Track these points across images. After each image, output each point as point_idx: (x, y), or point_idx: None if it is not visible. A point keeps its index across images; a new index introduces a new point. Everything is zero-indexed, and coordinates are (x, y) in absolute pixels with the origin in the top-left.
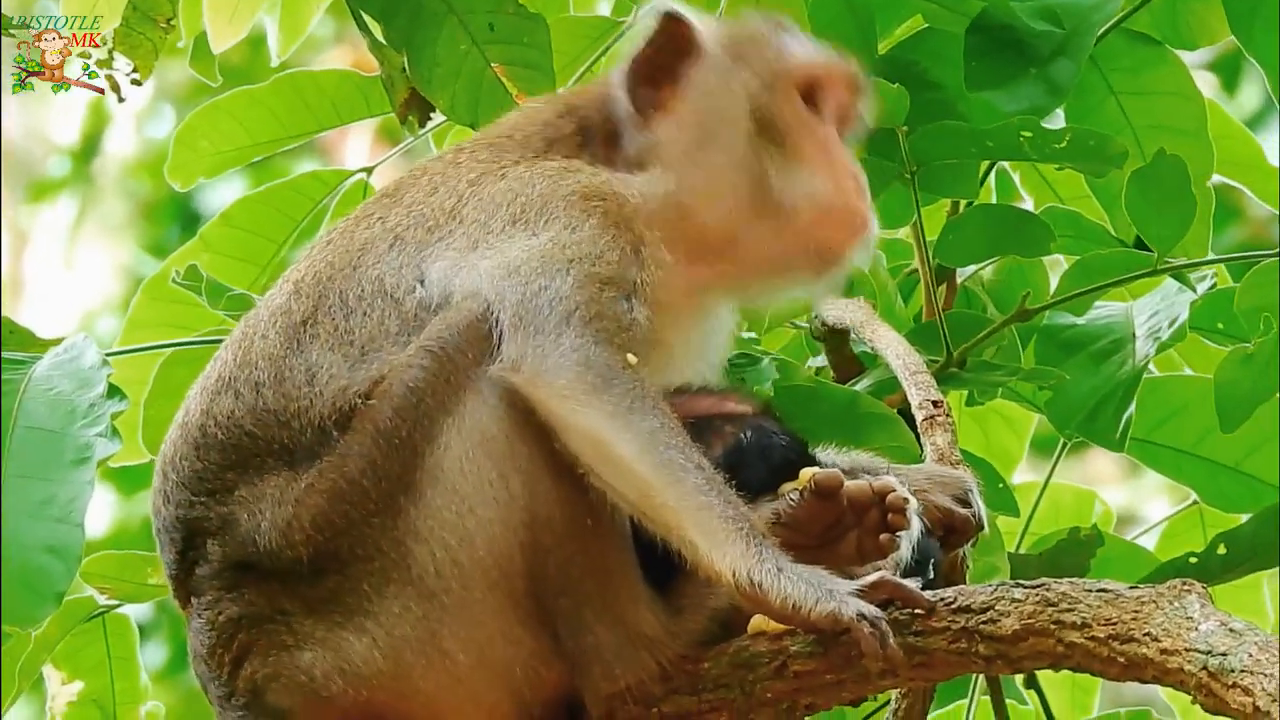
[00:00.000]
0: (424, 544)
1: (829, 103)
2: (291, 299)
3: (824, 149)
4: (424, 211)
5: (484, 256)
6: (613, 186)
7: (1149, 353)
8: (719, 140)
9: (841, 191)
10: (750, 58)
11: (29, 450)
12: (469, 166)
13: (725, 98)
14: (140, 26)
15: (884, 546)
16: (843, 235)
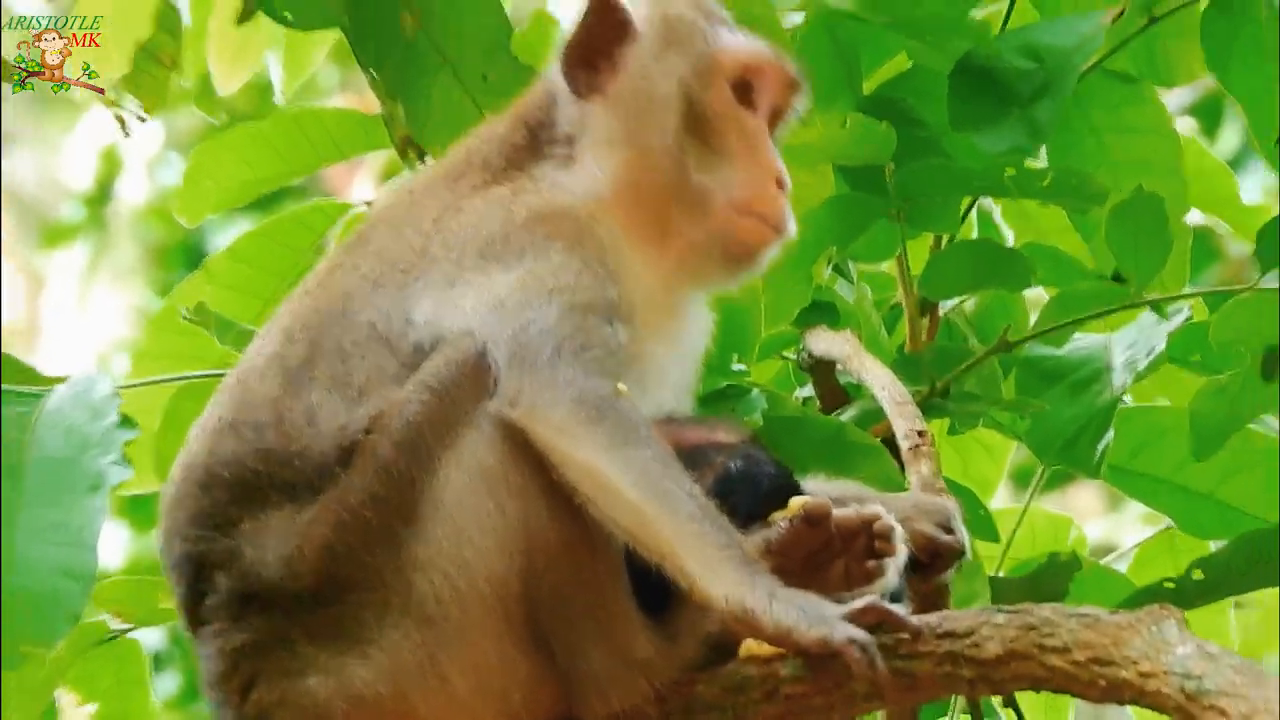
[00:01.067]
0: (423, 573)
1: (762, 96)
2: (285, 345)
3: (748, 144)
4: (394, 254)
5: (464, 295)
6: (559, 199)
7: (1126, 383)
8: (649, 125)
9: (757, 189)
10: (683, 43)
11: (42, 478)
12: (428, 204)
13: (657, 79)
14: (146, 65)
15: (871, 573)
16: (754, 232)
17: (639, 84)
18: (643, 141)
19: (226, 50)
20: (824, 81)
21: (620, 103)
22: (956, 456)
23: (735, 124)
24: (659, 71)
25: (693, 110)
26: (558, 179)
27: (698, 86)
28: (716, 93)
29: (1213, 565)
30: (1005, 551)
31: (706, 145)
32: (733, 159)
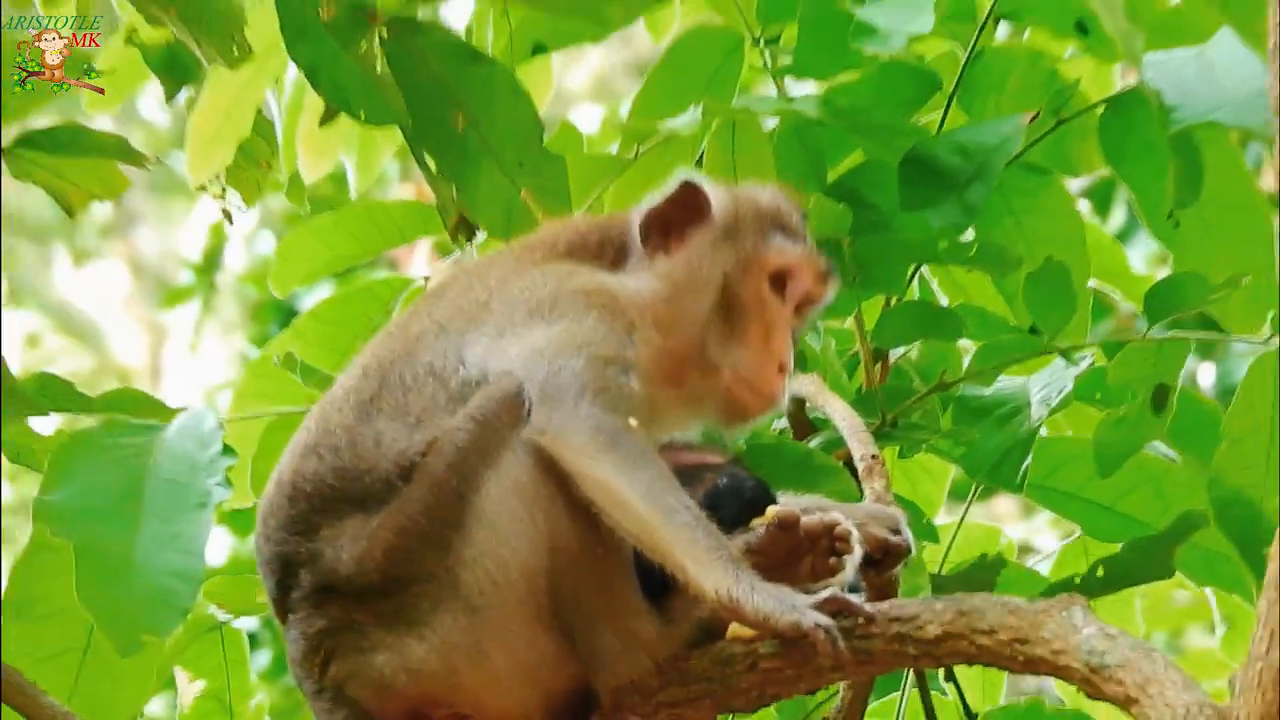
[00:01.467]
0: (469, 569)
1: (794, 288)
2: (360, 380)
3: (767, 331)
4: (462, 305)
5: (511, 343)
6: (608, 285)
7: (1042, 416)
8: (692, 294)
9: (761, 369)
10: (741, 237)
11: (161, 496)
12: (499, 268)
13: (709, 264)
14: (246, 166)
15: (833, 568)
16: (748, 402)
17: (694, 262)
18: (681, 307)
19: (311, 149)
20: (795, 172)
21: (676, 270)
22: (905, 478)
23: (761, 311)
24: (713, 258)
25: (727, 297)
26: (610, 277)
27: (738, 278)
28: (753, 285)
29: (1113, 563)
30: (945, 555)
31: (730, 324)
32: (749, 342)
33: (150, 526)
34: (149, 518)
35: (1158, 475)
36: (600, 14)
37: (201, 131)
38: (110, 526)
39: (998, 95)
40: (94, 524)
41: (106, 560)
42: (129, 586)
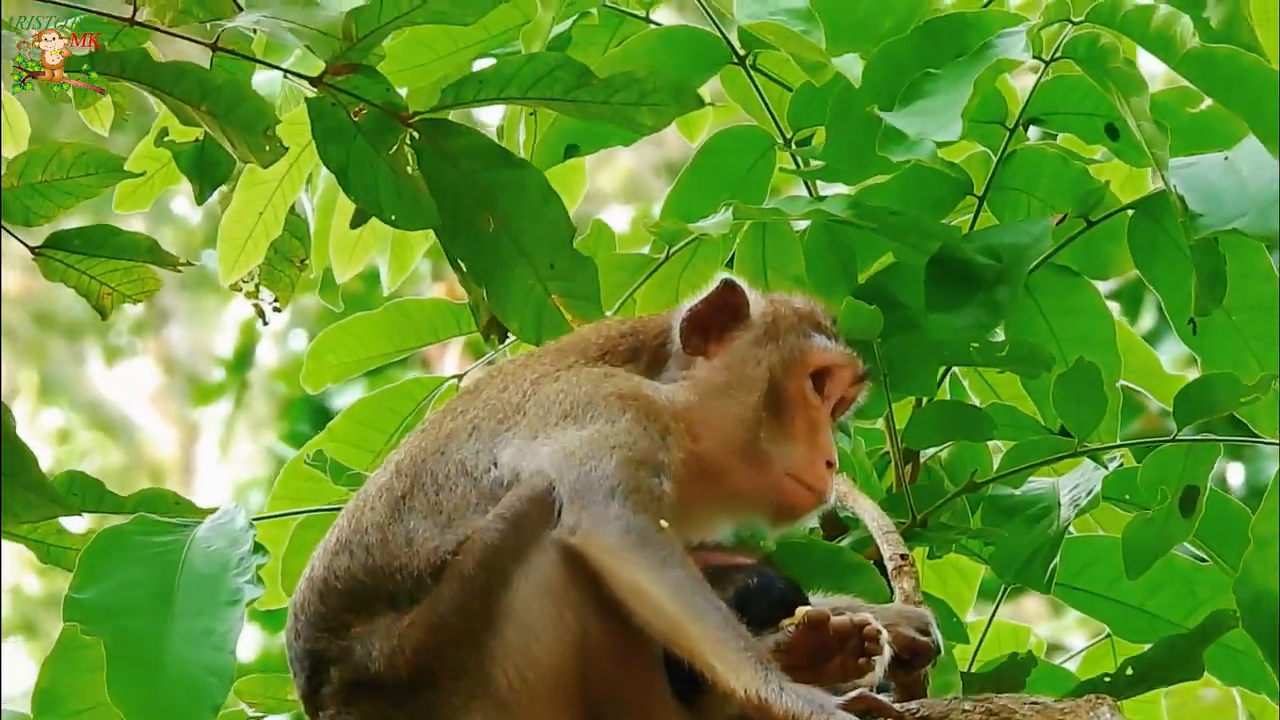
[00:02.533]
0: (499, 666)
1: (834, 387)
2: (393, 478)
3: (813, 428)
4: (496, 405)
5: (544, 444)
6: (644, 390)
7: (1071, 517)
8: (737, 393)
9: (812, 466)
10: (782, 337)
11: (192, 593)
12: (534, 369)
13: (753, 364)
14: (280, 265)
15: (862, 668)
16: (801, 498)
17: (739, 361)
18: (725, 408)
19: (344, 247)
20: (825, 273)
21: (720, 370)
22: (935, 576)
23: (805, 409)
24: (757, 356)
25: (774, 393)
26: (646, 382)
27: (783, 375)
28: (797, 383)
29: (1142, 663)
30: (975, 653)
31: (778, 421)
32: (796, 438)
33: (182, 623)
34: (180, 614)
35: (1186, 575)
36: (632, 120)
37: (233, 232)
38: (142, 622)
39: (1028, 197)
40: (125, 620)
41: (138, 656)
42: (160, 682)
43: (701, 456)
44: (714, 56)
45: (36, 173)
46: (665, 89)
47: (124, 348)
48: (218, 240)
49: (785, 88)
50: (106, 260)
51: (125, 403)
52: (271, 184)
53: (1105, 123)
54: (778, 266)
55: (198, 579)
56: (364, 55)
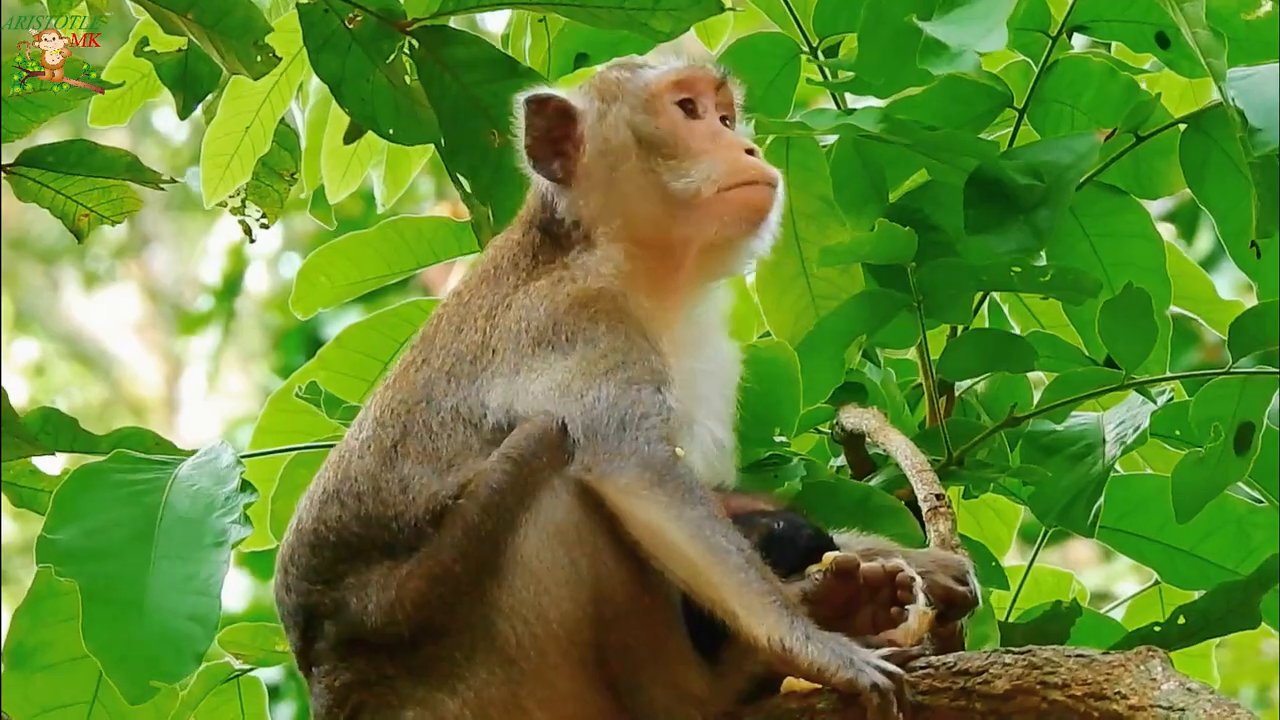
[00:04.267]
0: (506, 619)
1: (705, 103)
2: (377, 428)
3: (709, 139)
4: (462, 349)
5: (531, 380)
6: (593, 284)
7: (1116, 455)
8: (621, 173)
9: (733, 164)
10: (618, 95)
11: (174, 535)
12: (479, 302)
13: (612, 137)
14: (268, 179)
15: (894, 618)
16: (749, 196)
17: (600, 146)
18: (623, 190)
19: (337, 165)
20: (854, 193)
21: (594, 170)
22: (971, 518)
23: (690, 130)
24: (610, 127)
25: (648, 139)
26: (586, 263)
27: (644, 119)
28: (663, 116)
29: (1194, 612)
30: (1014, 601)
31: (675, 157)
32: (700, 155)
33: (163, 566)
34: (161, 558)
35: (1241, 518)
36: (647, 26)
37: (217, 148)
38: (120, 567)
39: (1072, 110)
40: (102, 564)
41: (115, 602)
42: (139, 630)
43: (656, 257)
44: None
45: (8, 85)
46: None
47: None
48: (201, 157)
49: None
50: (83, 178)
51: (105, 333)
52: (259, 96)
53: (1155, 30)
54: (802, 185)
55: (180, 520)
56: None
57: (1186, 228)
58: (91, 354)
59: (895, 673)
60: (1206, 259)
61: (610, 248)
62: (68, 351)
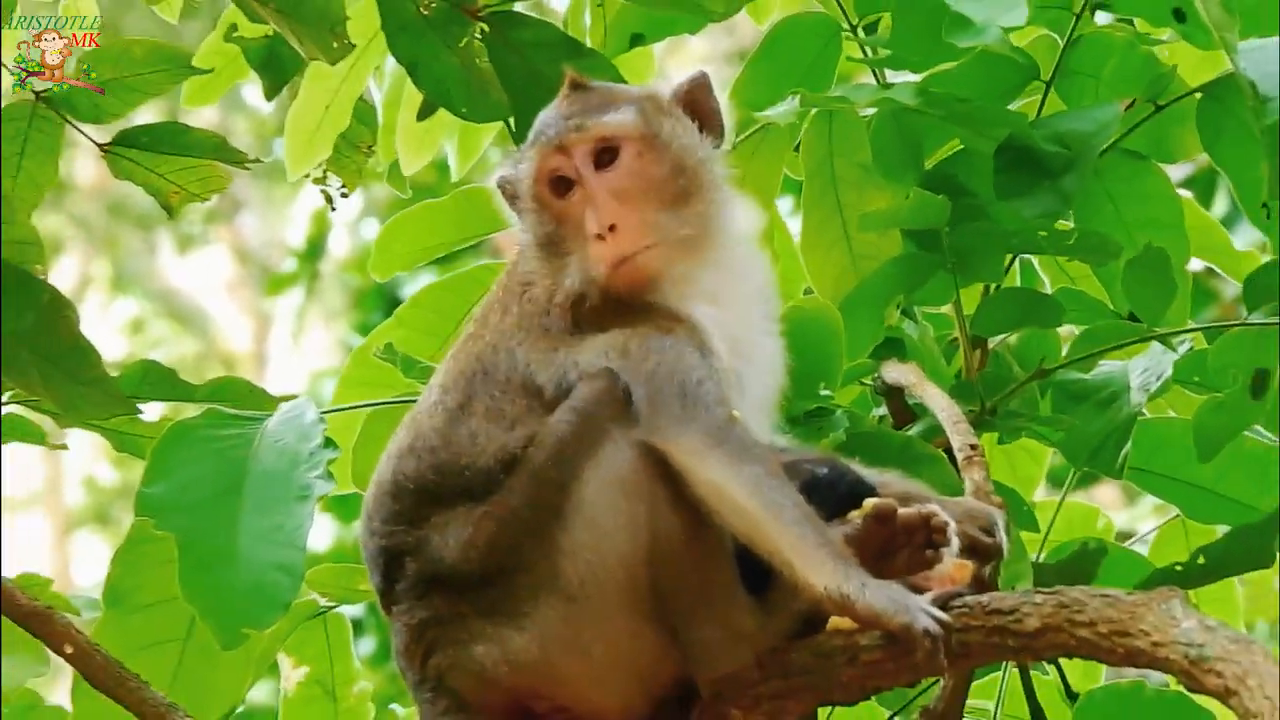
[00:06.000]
0: (569, 559)
1: (566, 170)
2: (443, 394)
3: (574, 231)
4: (505, 328)
5: (581, 351)
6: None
7: (1141, 401)
8: (534, 252)
9: (597, 260)
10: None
11: (262, 489)
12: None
13: (524, 226)
14: (347, 152)
15: (930, 560)
16: (614, 281)
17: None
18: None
19: (412, 138)
20: (892, 162)
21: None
22: (1005, 461)
23: (559, 221)
24: (521, 220)
25: (539, 235)
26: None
27: (533, 213)
28: (541, 209)
29: (1214, 551)
30: (1045, 538)
31: (559, 250)
32: (570, 250)
33: (251, 519)
34: (250, 510)
35: (1259, 458)
36: (700, 6)
37: (300, 125)
38: (212, 519)
39: (1095, 82)
40: (196, 517)
41: (208, 553)
42: (231, 579)
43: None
44: None
45: (106, 70)
46: None
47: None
48: (285, 133)
49: None
50: (174, 158)
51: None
52: (339, 77)
53: (1172, 6)
54: (844, 154)
55: (267, 474)
56: None
57: (1204, 191)
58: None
59: (944, 620)
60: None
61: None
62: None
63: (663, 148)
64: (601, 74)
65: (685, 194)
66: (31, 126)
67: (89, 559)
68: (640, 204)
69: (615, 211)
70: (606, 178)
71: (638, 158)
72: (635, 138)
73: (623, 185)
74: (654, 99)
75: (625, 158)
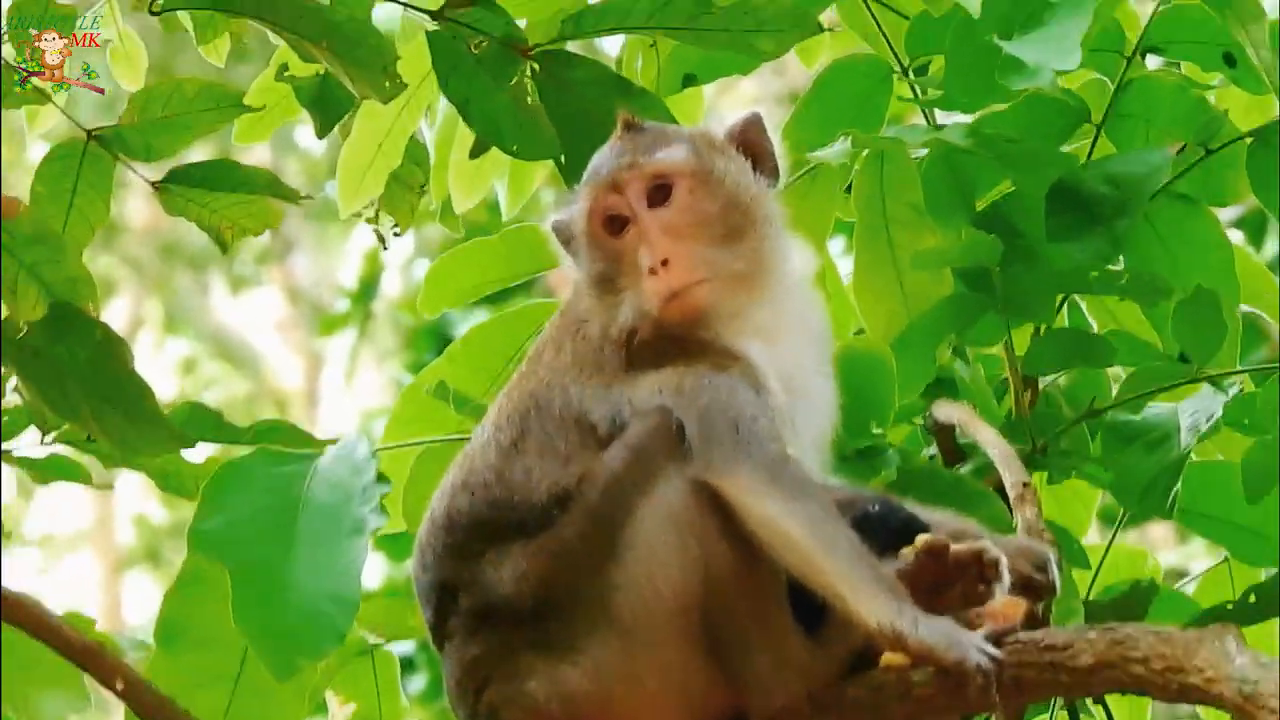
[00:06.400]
0: (622, 594)
1: (622, 209)
2: (495, 431)
3: (628, 268)
4: (560, 366)
5: (635, 388)
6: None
7: (1191, 443)
8: (589, 290)
9: (650, 294)
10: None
11: (315, 523)
12: (572, 318)
13: (578, 265)
14: (400, 191)
15: (982, 595)
16: (667, 314)
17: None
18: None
19: (464, 177)
20: (944, 203)
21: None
22: (1055, 501)
23: (613, 260)
24: (576, 264)
25: (595, 274)
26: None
27: (588, 253)
28: (596, 248)
29: (1264, 590)
30: (1095, 578)
31: (614, 288)
32: (625, 287)
33: (305, 552)
34: (304, 544)
35: None
36: (752, 47)
37: (353, 164)
38: (266, 552)
39: (1146, 125)
40: (249, 549)
41: (262, 585)
42: (285, 611)
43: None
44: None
45: (157, 108)
46: (783, 15)
47: (248, 277)
48: (337, 172)
49: (902, 16)
50: (227, 194)
51: (250, 332)
52: (390, 116)
53: (1223, 50)
54: (896, 195)
55: (321, 508)
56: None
57: (1254, 233)
58: (238, 352)
59: (996, 655)
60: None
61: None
62: (216, 350)
63: (715, 184)
64: (653, 113)
65: (738, 230)
66: (83, 164)
67: (140, 598)
68: (693, 239)
69: (668, 246)
70: (660, 214)
71: (690, 194)
72: (688, 174)
73: (676, 221)
74: (707, 137)
75: (678, 194)
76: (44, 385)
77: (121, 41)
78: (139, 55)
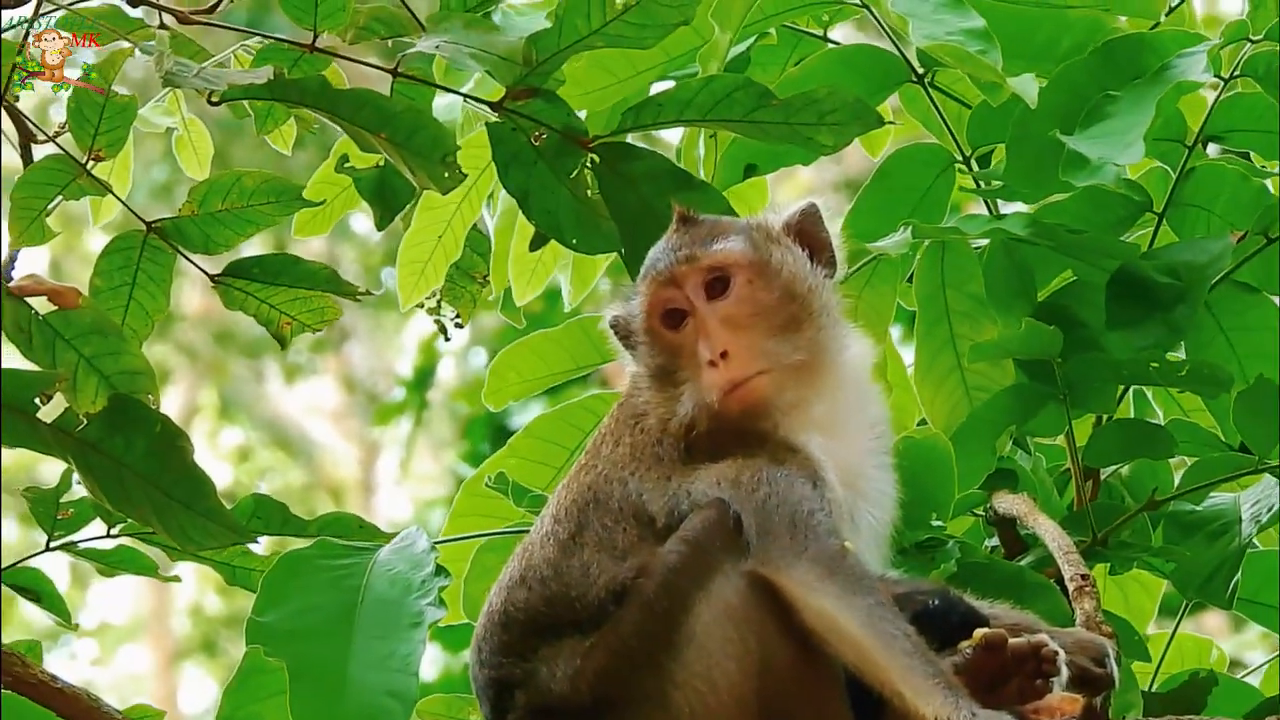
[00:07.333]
0: (679, 689)
1: (679, 303)
2: (554, 524)
3: (687, 361)
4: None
5: (693, 481)
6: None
7: (1252, 533)
8: (647, 383)
9: (710, 386)
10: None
11: (374, 616)
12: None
13: (637, 359)
14: (461, 282)
15: (1040, 689)
16: (727, 406)
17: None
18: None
19: (524, 268)
20: (1005, 292)
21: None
22: (1118, 592)
23: (671, 355)
24: (634, 358)
25: (654, 368)
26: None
27: (647, 350)
28: (654, 344)
29: None
30: (1158, 669)
31: (672, 380)
32: (683, 380)
33: (364, 646)
34: (363, 637)
35: None
36: (812, 141)
37: (412, 255)
38: (324, 646)
39: (1207, 214)
40: (308, 643)
41: (321, 679)
42: (343, 705)
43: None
44: (892, 75)
45: (216, 201)
46: (844, 109)
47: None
48: (397, 263)
49: (964, 105)
50: (285, 289)
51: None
52: (451, 207)
53: None
54: (956, 285)
55: (380, 602)
56: (544, 80)
57: None
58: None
59: None
60: None
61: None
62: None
63: (773, 275)
64: (712, 206)
65: (796, 321)
66: (142, 256)
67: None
68: (752, 331)
69: (727, 338)
70: (718, 306)
71: (748, 285)
72: (745, 265)
73: (734, 313)
74: (763, 228)
75: (736, 286)
76: (103, 479)
77: (187, 130)
78: (205, 144)
